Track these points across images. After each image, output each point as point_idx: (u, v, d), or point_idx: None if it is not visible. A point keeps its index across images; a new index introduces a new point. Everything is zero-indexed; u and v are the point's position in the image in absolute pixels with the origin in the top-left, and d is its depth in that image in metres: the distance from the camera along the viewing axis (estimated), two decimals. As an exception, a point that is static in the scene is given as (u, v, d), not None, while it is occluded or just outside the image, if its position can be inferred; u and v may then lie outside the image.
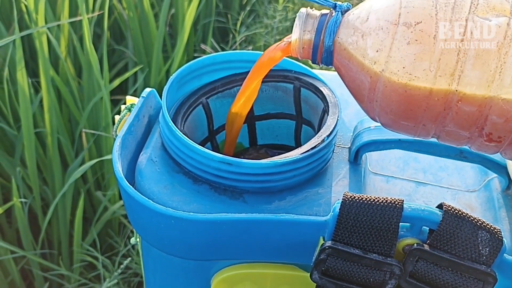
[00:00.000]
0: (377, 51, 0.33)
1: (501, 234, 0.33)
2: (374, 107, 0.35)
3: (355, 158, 0.41)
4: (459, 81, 0.32)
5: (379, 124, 0.40)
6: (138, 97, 0.44)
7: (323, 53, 0.37)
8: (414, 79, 0.33)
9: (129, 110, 0.43)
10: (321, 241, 0.35)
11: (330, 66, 0.38)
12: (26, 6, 0.88)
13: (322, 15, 0.37)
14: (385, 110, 0.35)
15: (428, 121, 0.34)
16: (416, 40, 0.32)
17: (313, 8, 0.38)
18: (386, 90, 0.34)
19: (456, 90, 0.32)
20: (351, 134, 0.43)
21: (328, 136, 0.39)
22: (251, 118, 0.47)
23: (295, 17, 0.38)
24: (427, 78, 0.32)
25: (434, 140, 0.38)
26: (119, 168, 0.37)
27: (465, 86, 0.32)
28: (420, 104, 0.33)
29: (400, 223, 0.33)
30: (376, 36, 0.33)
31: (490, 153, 0.35)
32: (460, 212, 0.33)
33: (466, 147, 0.36)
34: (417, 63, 0.32)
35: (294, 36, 0.38)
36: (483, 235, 0.33)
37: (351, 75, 0.36)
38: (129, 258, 0.89)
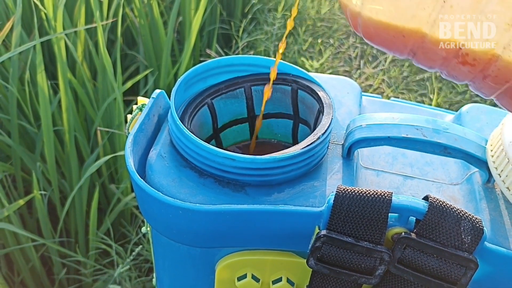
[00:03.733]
0: None
1: (482, 223, 0.33)
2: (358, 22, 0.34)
3: (348, 154, 0.41)
4: None
5: (370, 123, 0.40)
6: (149, 97, 0.43)
7: None
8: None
9: (140, 109, 0.43)
10: (317, 230, 0.35)
11: None
12: (45, 14, 0.88)
13: None
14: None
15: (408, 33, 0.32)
16: None
17: None
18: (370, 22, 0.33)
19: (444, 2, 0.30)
20: (344, 132, 0.43)
21: (323, 134, 0.39)
22: (253, 118, 0.47)
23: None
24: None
25: (421, 137, 0.38)
26: (131, 163, 0.37)
27: None
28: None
29: (389, 214, 0.33)
30: None
31: (461, 79, 0.33)
32: (444, 204, 0.33)
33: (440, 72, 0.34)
34: None
35: None
36: (465, 224, 0.33)
37: None
38: (140, 246, 0.89)
